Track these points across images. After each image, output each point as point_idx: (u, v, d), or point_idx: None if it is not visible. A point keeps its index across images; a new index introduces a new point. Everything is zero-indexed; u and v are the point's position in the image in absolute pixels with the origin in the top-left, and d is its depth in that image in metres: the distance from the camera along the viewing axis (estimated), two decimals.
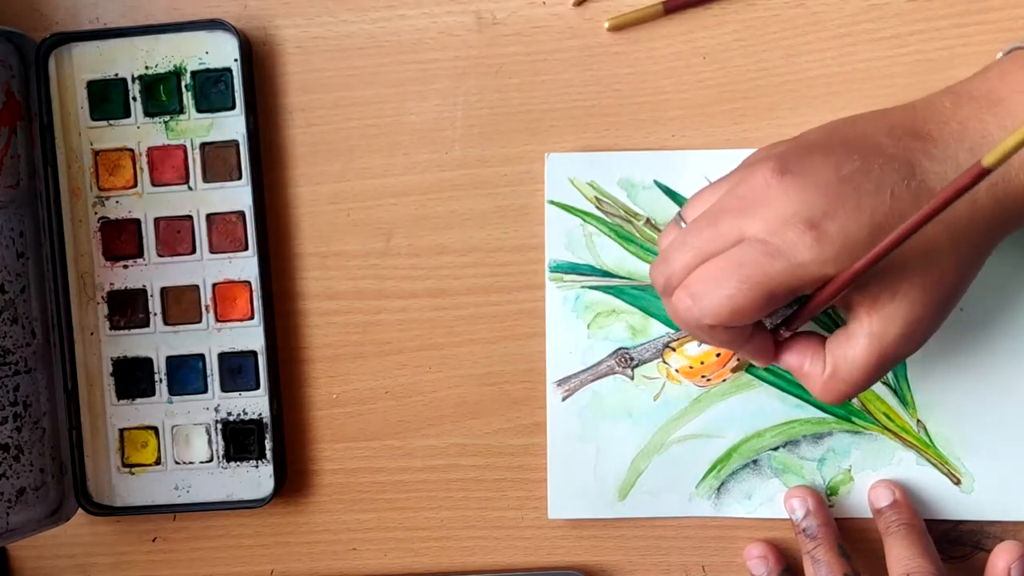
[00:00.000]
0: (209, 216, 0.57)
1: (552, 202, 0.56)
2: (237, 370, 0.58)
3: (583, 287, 0.57)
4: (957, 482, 0.57)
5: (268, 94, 0.58)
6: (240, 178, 0.57)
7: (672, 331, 0.57)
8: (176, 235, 0.58)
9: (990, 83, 0.47)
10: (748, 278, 0.44)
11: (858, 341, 0.46)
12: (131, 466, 0.59)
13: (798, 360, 0.49)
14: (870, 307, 0.46)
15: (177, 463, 0.58)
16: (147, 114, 0.57)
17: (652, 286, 0.56)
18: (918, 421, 0.56)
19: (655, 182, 0.56)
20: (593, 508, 0.58)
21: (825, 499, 0.57)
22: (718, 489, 0.57)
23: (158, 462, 0.59)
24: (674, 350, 0.57)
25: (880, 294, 0.45)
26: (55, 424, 0.59)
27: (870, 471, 0.57)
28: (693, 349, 0.57)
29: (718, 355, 0.57)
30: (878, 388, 0.56)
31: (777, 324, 0.49)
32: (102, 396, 0.58)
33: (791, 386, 0.57)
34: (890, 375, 0.56)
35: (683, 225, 0.49)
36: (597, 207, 0.56)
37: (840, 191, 0.44)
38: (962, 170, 0.44)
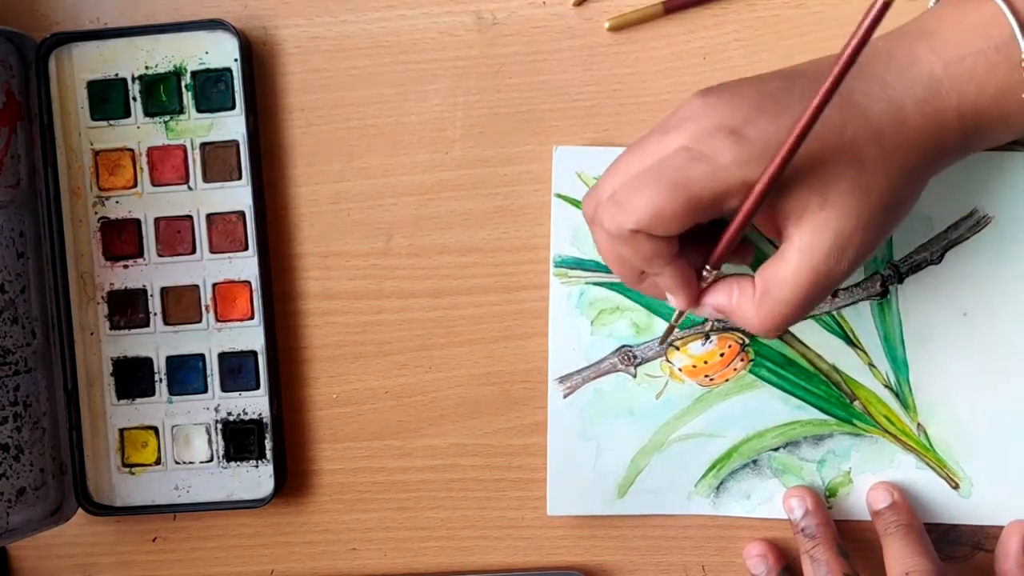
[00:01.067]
0: (209, 216, 0.57)
1: (559, 195, 0.56)
2: (237, 370, 0.58)
3: (587, 283, 0.57)
4: (955, 486, 0.57)
5: (268, 94, 0.58)
6: (240, 178, 0.57)
7: (677, 330, 0.57)
8: (176, 235, 0.58)
9: (924, 21, 0.47)
10: (671, 180, 0.43)
11: (789, 256, 0.45)
12: (131, 466, 0.59)
13: (726, 296, 0.47)
14: (799, 218, 0.44)
15: (177, 463, 0.59)
16: (147, 114, 0.57)
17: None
18: (918, 425, 0.56)
19: None
20: (592, 505, 0.58)
21: (824, 499, 0.57)
22: (717, 488, 0.57)
23: (158, 462, 0.59)
24: (678, 349, 0.57)
25: (808, 203, 0.44)
26: (55, 424, 0.59)
27: (869, 473, 0.57)
28: (697, 348, 0.57)
29: (722, 355, 0.57)
30: (880, 391, 0.56)
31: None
32: (102, 396, 0.58)
33: (793, 387, 0.57)
34: (892, 378, 0.56)
35: None
36: None
37: (761, 102, 0.44)
38: (888, 88, 0.45)
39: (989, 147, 0.48)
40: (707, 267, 0.47)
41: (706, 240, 0.47)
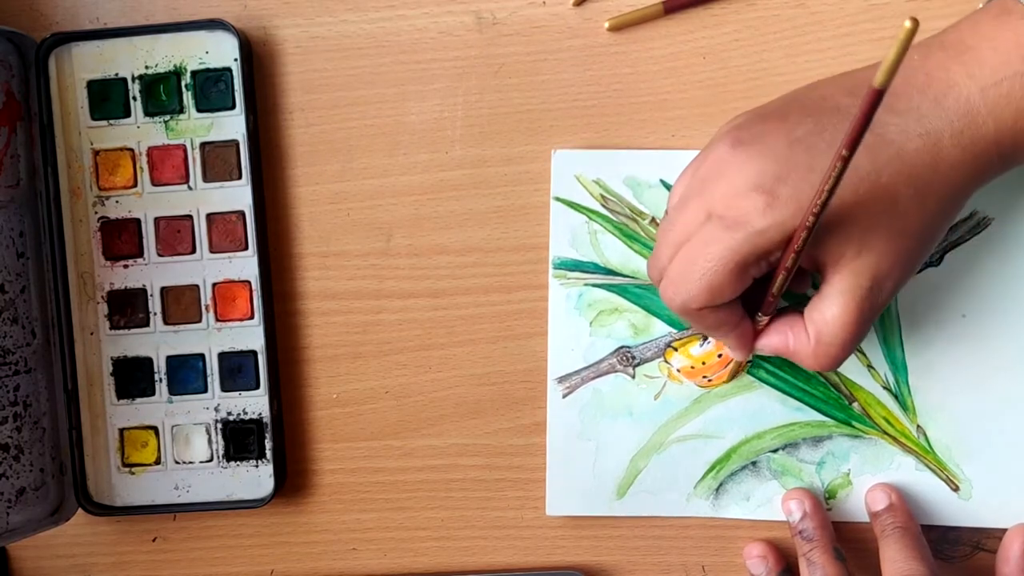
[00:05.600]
0: (209, 216, 0.57)
1: (557, 199, 0.56)
2: (237, 370, 0.58)
3: (586, 284, 0.57)
4: (956, 488, 0.56)
5: (268, 94, 0.58)
6: (240, 178, 0.57)
7: (674, 331, 0.57)
8: (176, 235, 0.58)
9: (961, 33, 0.46)
10: (715, 255, 0.45)
11: (832, 300, 0.46)
12: (131, 466, 0.59)
13: (780, 339, 0.49)
14: (836, 263, 0.45)
15: (177, 463, 0.59)
16: (147, 114, 0.57)
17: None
18: (918, 426, 0.56)
19: (661, 181, 0.56)
20: (591, 506, 0.58)
21: (823, 502, 0.57)
22: (716, 490, 0.57)
23: (158, 462, 0.59)
24: (676, 350, 0.57)
25: (845, 250, 0.45)
26: (55, 424, 0.59)
27: (869, 475, 0.57)
28: (695, 349, 0.57)
29: (720, 355, 0.57)
30: (879, 393, 0.56)
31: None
32: (102, 396, 0.59)
33: (792, 388, 0.57)
34: (891, 380, 0.56)
35: None
36: (603, 205, 0.56)
37: (791, 154, 0.44)
38: (924, 120, 0.44)
39: None
40: (759, 315, 0.49)
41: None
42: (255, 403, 0.58)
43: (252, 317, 0.58)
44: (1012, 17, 0.45)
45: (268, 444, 0.58)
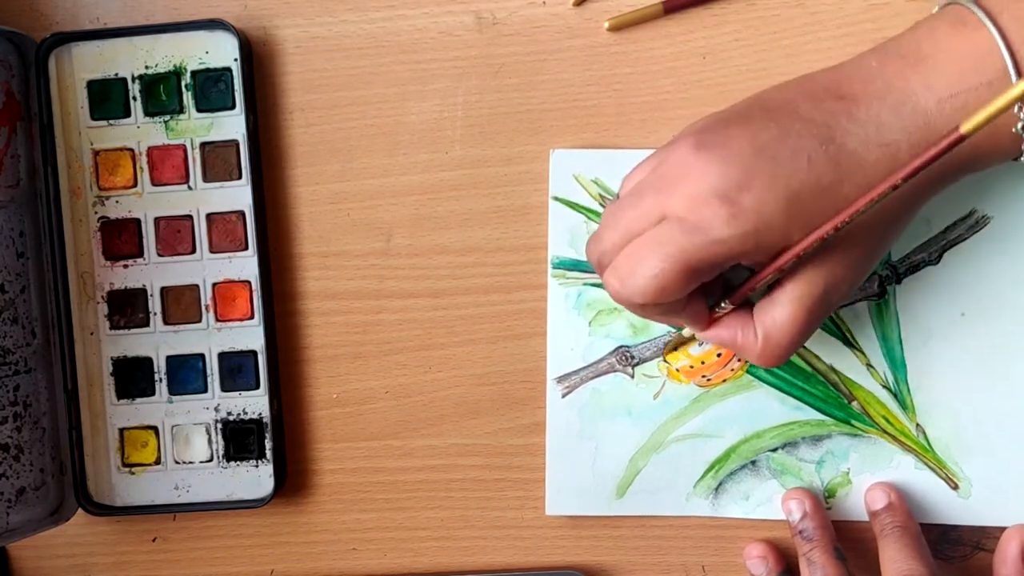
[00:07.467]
0: (209, 216, 0.57)
1: (556, 198, 0.56)
2: (237, 370, 0.58)
3: (585, 284, 0.57)
4: (955, 487, 0.56)
5: (268, 94, 0.58)
6: (240, 178, 0.57)
7: (673, 330, 0.57)
8: (176, 235, 0.58)
9: (918, 40, 0.46)
10: (669, 256, 0.44)
11: (784, 306, 0.47)
12: (131, 466, 0.59)
13: (730, 333, 0.49)
14: (792, 271, 0.46)
15: (177, 463, 0.59)
16: (147, 114, 0.57)
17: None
18: (917, 425, 0.56)
19: None
20: (591, 505, 0.58)
21: (823, 501, 0.57)
22: (716, 489, 0.57)
23: (158, 462, 0.59)
24: (675, 349, 0.57)
25: (802, 259, 0.45)
26: (55, 424, 0.59)
27: (868, 474, 0.57)
28: (694, 349, 0.57)
29: (719, 355, 0.57)
30: (878, 392, 0.56)
31: (714, 301, 0.50)
32: (102, 396, 0.59)
33: (791, 387, 0.57)
34: (890, 379, 0.56)
35: None
36: (601, 204, 0.56)
37: (755, 162, 0.44)
38: (884, 130, 0.44)
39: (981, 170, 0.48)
40: (725, 302, 0.49)
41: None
42: (255, 403, 0.58)
43: (252, 317, 0.58)
44: (967, 28, 0.45)
45: (268, 444, 0.58)
